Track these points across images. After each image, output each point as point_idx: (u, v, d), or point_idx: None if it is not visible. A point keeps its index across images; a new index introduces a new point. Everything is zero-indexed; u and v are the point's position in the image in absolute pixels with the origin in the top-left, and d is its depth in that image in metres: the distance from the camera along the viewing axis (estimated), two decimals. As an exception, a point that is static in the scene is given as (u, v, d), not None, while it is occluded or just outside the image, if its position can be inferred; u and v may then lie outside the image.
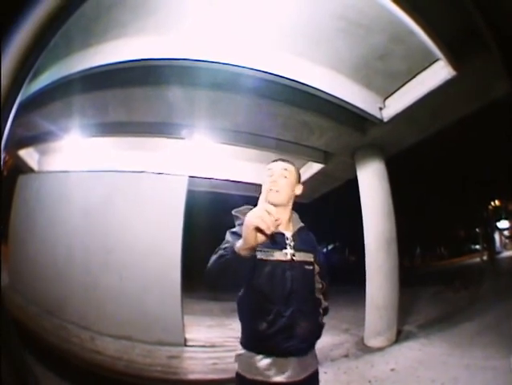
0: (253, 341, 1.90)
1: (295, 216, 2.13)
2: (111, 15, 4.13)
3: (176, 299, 5.90)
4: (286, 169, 2.07)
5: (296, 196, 2.09)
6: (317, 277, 2.04)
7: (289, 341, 1.82)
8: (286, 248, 1.92)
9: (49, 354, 3.80)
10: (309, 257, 2.00)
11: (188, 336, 5.92)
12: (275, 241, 1.86)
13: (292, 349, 1.83)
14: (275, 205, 1.80)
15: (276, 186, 1.99)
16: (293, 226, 2.05)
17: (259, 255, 1.83)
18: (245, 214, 1.74)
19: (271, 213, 1.46)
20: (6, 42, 0.94)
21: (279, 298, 1.84)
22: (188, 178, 6.56)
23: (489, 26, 1.26)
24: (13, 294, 4.98)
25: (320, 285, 2.05)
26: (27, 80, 1.05)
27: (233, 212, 2.05)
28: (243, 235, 1.52)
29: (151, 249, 5.88)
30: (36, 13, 0.99)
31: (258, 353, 1.85)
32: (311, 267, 1.99)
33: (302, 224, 2.10)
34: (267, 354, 1.84)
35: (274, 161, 2.16)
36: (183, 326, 5.88)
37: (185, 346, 5.74)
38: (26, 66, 1.01)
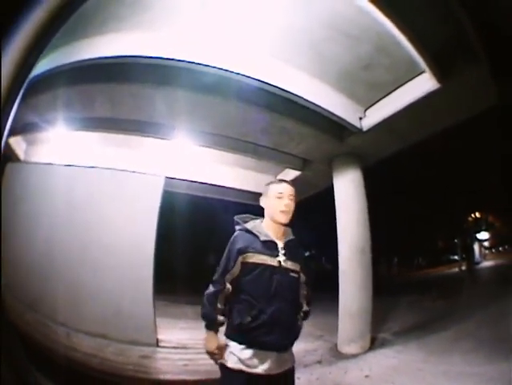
0: (238, 332, 2.17)
1: (289, 230, 2.42)
2: (106, 9, 4.10)
3: (148, 299, 5.90)
4: (292, 194, 2.35)
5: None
6: (303, 285, 2.39)
7: (269, 335, 2.11)
8: (278, 255, 2.24)
9: (28, 348, 3.74)
10: (296, 266, 2.30)
11: (160, 337, 5.92)
12: (269, 248, 2.25)
13: (272, 343, 2.12)
14: (286, 225, 2.34)
15: (288, 208, 2.31)
16: (285, 238, 2.34)
17: (252, 259, 2.20)
18: (245, 221, 2.37)
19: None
20: (6, 42, 0.96)
21: (264, 297, 2.14)
22: (164, 178, 6.56)
23: (478, 29, 1.31)
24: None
25: (305, 292, 2.40)
26: (27, 80, 1.06)
27: (234, 218, 2.43)
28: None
29: (125, 248, 5.89)
30: (36, 13, 1.01)
31: (241, 343, 2.14)
32: (297, 275, 2.30)
33: (292, 237, 2.39)
34: (249, 346, 2.12)
35: (279, 182, 2.44)
36: (155, 326, 5.88)
37: (158, 346, 5.75)
38: (26, 66, 1.04)
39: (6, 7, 0.96)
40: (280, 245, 2.27)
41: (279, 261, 2.21)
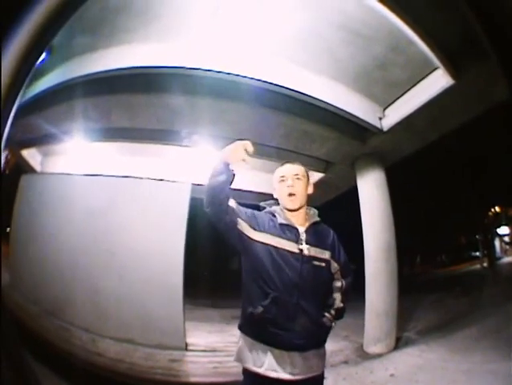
0: (249, 324, 1.95)
1: (312, 212, 2.18)
2: (116, 20, 4.18)
3: (178, 304, 5.86)
4: (297, 173, 2.12)
5: (309, 195, 2.15)
6: (337, 275, 2.09)
7: (283, 332, 1.86)
8: (297, 242, 1.97)
9: (49, 354, 3.80)
10: (322, 254, 2.02)
11: (189, 340, 5.89)
12: (287, 231, 2.00)
13: (285, 341, 1.87)
14: (294, 210, 2.07)
15: (293, 190, 2.07)
16: (308, 222, 2.10)
17: (271, 241, 1.95)
18: (269, 205, 2.17)
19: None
20: (6, 42, 0.96)
21: (279, 286, 1.88)
22: (191, 185, 6.50)
23: (488, 30, 1.28)
24: (14, 294, 4.96)
25: (339, 284, 2.09)
26: (27, 80, 1.06)
27: (260, 204, 2.23)
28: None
29: (154, 254, 5.85)
30: (36, 13, 1.01)
31: (254, 339, 1.91)
32: (323, 264, 2.01)
33: (317, 219, 2.13)
34: (263, 342, 1.89)
35: (282, 165, 2.21)
36: (184, 330, 5.85)
37: (186, 350, 5.72)
38: (26, 66, 1.03)
39: (6, 7, 0.96)
40: (301, 230, 2.02)
41: (301, 248, 1.95)
